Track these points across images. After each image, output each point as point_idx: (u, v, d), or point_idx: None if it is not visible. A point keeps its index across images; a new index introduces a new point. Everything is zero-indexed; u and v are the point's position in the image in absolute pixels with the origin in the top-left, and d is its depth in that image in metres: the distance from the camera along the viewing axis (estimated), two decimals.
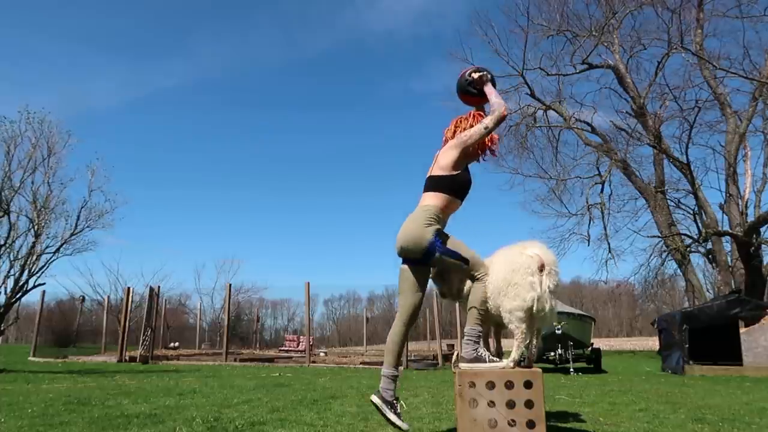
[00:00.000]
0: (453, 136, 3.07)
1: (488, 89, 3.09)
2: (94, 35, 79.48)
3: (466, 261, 2.84)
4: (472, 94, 3.18)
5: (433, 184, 2.98)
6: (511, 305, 2.74)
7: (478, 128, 2.95)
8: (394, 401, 2.84)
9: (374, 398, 2.84)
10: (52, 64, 77.50)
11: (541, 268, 2.71)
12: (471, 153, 3.04)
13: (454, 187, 2.96)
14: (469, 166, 3.12)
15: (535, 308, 2.71)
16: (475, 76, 3.12)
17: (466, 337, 2.83)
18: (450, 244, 2.86)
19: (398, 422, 2.79)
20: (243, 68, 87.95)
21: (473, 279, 2.88)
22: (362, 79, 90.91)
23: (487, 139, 3.03)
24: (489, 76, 3.12)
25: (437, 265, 2.96)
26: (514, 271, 2.76)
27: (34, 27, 75.94)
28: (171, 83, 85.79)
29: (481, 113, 3.18)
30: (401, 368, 11.10)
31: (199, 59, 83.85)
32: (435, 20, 77.67)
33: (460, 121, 3.14)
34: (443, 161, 2.98)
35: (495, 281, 2.82)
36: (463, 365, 2.82)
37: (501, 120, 2.95)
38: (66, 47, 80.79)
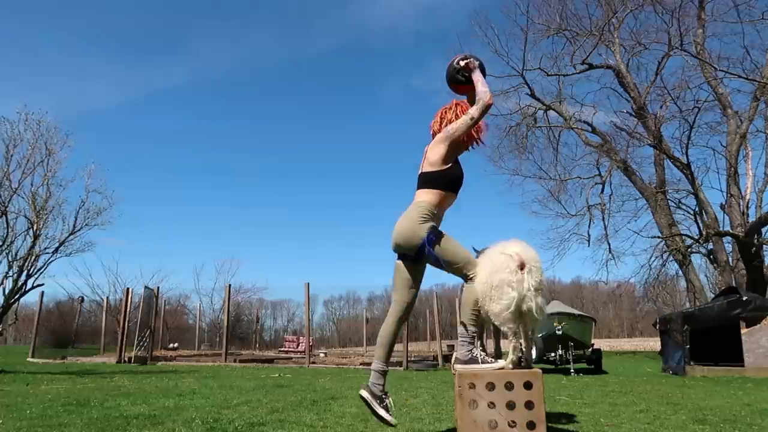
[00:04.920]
0: (440, 129, 3.03)
1: (475, 76, 3.01)
2: (94, 33, 79.82)
3: (453, 262, 2.82)
4: (461, 81, 3.11)
5: (426, 180, 2.96)
6: (497, 308, 2.66)
7: (464, 120, 2.91)
8: (383, 395, 2.84)
9: (363, 392, 2.83)
10: (52, 62, 77.74)
11: (522, 266, 2.64)
12: (459, 145, 3.00)
13: (447, 181, 2.94)
14: (463, 155, 3.10)
15: (520, 308, 2.64)
16: (462, 63, 3.07)
17: (460, 338, 2.81)
18: (444, 242, 2.80)
19: (386, 416, 2.81)
20: (243, 66, 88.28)
21: (466, 278, 2.82)
22: (364, 77, 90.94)
23: (473, 130, 2.99)
24: (477, 62, 3.07)
25: (430, 262, 2.93)
26: (495, 273, 2.68)
27: (34, 24, 76.17)
28: (171, 82, 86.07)
29: (465, 103, 3.15)
30: (402, 368, 11.07)
31: (199, 58, 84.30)
32: (437, 15, 77.50)
33: (445, 113, 3.09)
34: (432, 157, 2.95)
35: (479, 286, 2.75)
36: (458, 366, 2.80)
37: (486, 109, 2.90)
38: (66, 45, 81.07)
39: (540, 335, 10.24)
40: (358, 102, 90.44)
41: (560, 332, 10.00)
